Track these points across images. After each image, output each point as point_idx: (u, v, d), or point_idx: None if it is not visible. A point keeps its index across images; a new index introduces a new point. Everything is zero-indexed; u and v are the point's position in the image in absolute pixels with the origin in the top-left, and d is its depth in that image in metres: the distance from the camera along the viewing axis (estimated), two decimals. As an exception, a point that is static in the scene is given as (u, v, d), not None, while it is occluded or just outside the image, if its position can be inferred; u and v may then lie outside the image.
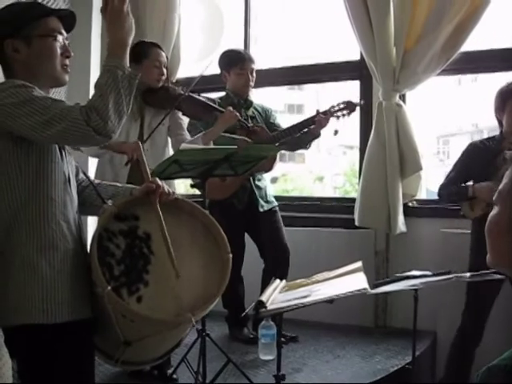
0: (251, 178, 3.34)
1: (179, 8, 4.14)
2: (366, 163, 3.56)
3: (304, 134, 3.33)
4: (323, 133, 3.33)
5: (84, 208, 1.79)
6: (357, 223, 3.58)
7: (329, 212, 3.90)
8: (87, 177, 1.86)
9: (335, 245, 3.70)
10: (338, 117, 3.28)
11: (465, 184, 2.90)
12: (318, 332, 3.54)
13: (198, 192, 3.31)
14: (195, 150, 2.52)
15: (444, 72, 3.45)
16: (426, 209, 3.63)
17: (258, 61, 3.53)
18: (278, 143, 3.27)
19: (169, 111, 2.97)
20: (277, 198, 3.62)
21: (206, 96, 3.25)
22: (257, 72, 3.44)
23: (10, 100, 1.50)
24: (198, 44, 4.64)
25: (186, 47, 4.30)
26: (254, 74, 3.41)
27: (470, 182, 2.92)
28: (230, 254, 1.76)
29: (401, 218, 3.47)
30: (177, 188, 3.35)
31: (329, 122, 3.27)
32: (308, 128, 3.28)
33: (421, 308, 2.38)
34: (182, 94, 3.00)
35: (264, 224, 3.39)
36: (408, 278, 2.41)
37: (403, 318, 3.33)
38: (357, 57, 3.81)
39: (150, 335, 1.64)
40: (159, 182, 1.75)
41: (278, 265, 3.31)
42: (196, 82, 2.95)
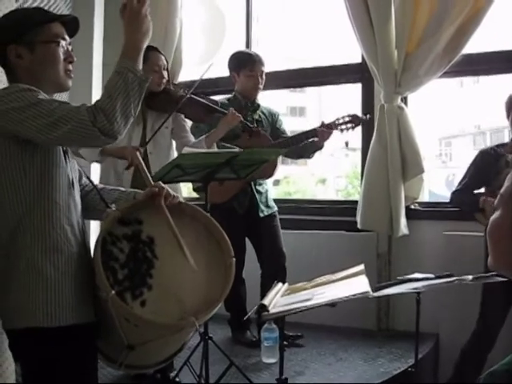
0: (252, 183, 3.33)
1: (181, 11, 4.13)
2: (368, 166, 3.56)
3: (307, 144, 3.32)
4: (331, 138, 3.30)
5: (87, 212, 1.80)
6: (359, 226, 3.57)
7: (331, 215, 3.90)
8: (90, 181, 1.87)
9: (337, 247, 3.70)
10: (342, 130, 3.25)
11: (478, 192, 2.92)
12: (321, 335, 3.53)
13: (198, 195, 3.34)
14: (197, 154, 2.52)
15: (446, 74, 3.45)
16: (429, 211, 3.62)
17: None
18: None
19: (170, 113, 2.94)
20: (279, 200, 3.61)
21: (208, 97, 3.20)
22: (258, 74, 3.43)
23: (15, 104, 1.51)
24: (200, 47, 4.65)
25: (188, 50, 4.30)
26: (264, 77, 3.39)
27: (483, 189, 2.94)
28: (234, 258, 1.76)
29: (403, 220, 3.47)
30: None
31: (331, 135, 3.25)
32: (311, 139, 3.27)
33: (423, 311, 2.38)
34: (184, 96, 2.97)
35: (263, 229, 3.38)
36: (410, 280, 2.41)
37: (406, 320, 3.33)
38: (358, 59, 3.81)
39: (154, 339, 1.64)
40: (162, 185, 1.75)
41: (274, 269, 3.29)
42: (197, 83, 2.92)
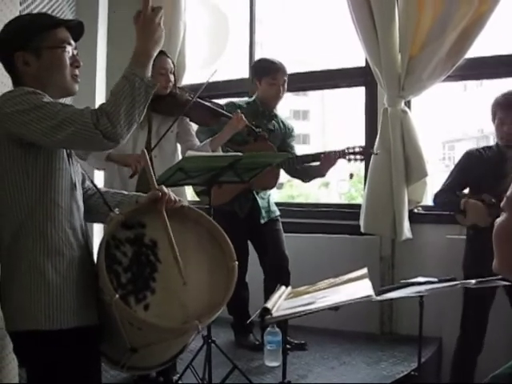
0: None
1: (184, 14, 4.15)
2: (371, 169, 3.56)
3: (311, 167, 3.33)
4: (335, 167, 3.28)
5: (90, 215, 1.81)
6: (362, 229, 3.58)
7: (334, 218, 3.90)
8: (94, 184, 1.87)
9: (340, 251, 3.70)
10: (350, 160, 3.23)
11: (460, 193, 2.91)
12: (324, 338, 3.53)
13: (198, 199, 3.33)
14: (200, 157, 2.53)
15: (449, 78, 3.45)
16: (432, 215, 3.61)
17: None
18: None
19: (177, 117, 2.93)
20: (282, 204, 3.60)
21: (213, 101, 3.19)
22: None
23: (20, 107, 1.51)
24: (204, 50, 4.66)
25: (192, 54, 4.31)
26: (286, 86, 3.38)
27: (467, 190, 2.93)
28: (236, 262, 1.76)
29: (406, 224, 3.47)
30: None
31: (337, 163, 3.24)
32: (315, 163, 3.26)
33: (426, 314, 2.38)
34: (190, 99, 2.96)
35: (266, 233, 3.38)
36: (413, 284, 2.41)
37: (409, 324, 3.33)
38: (362, 63, 3.82)
39: (157, 342, 1.65)
40: (165, 189, 1.75)
41: (277, 273, 3.28)
42: (203, 87, 2.92)
